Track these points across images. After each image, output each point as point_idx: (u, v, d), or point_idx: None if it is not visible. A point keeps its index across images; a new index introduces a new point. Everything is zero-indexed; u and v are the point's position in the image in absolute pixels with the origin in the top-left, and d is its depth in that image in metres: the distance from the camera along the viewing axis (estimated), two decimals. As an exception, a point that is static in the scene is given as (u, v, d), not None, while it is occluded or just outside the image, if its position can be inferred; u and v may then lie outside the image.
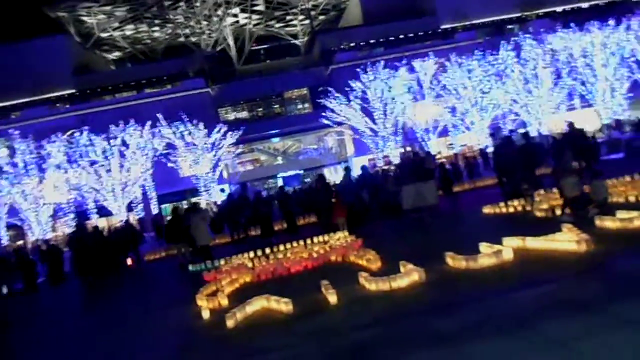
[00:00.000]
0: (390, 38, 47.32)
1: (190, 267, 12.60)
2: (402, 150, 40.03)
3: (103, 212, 34.60)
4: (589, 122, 30.89)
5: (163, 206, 44.05)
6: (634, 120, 30.60)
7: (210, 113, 45.05)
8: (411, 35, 47.27)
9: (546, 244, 7.03)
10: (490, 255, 6.90)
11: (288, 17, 62.77)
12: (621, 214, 7.70)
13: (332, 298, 6.55)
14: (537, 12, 47.17)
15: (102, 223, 31.93)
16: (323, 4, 59.32)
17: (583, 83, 34.87)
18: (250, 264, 10.98)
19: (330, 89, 39.98)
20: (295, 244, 12.21)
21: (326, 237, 12.54)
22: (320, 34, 54.50)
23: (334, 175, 43.86)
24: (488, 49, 38.13)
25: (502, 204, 11.86)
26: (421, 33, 47.54)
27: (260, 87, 48.89)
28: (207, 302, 7.81)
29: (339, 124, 40.31)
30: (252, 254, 12.18)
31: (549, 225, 8.07)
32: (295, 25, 64.24)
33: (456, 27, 47.49)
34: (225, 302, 7.75)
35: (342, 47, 47.63)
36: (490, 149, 37.85)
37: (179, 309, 8.33)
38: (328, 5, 60.32)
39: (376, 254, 8.41)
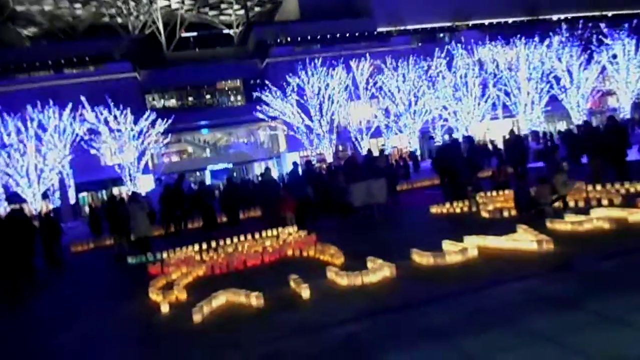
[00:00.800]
0: (327, 36, 47.61)
1: (130, 260, 11.85)
2: (338, 148, 40.88)
3: (15, 199, 31.93)
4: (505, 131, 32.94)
5: (81, 195, 41.50)
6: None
7: (137, 99, 43.03)
8: (347, 35, 47.86)
9: (507, 244, 7.27)
10: (457, 252, 7.03)
11: (223, 6, 61.40)
12: (570, 217, 8.16)
13: (305, 292, 6.37)
14: (466, 23, 49.44)
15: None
16: (260, -5, 58.66)
17: (507, 94, 36.99)
18: (198, 257, 10.53)
19: (266, 82, 39.56)
20: (243, 237, 11.88)
21: (275, 232, 12.32)
22: (255, 25, 53.76)
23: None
24: (422, 55, 39.51)
25: (447, 204, 12.20)
26: (357, 34, 48.27)
27: (192, 76, 47.42)
28: (163, 296, 7.35)
29: (273, 118, 40.00)
30: (197, 247, 11.72)
31: (501, 226, 8.43)
32: (229, 15, 62.92)
33: (391, 31, 48.68)
34: (183, 295, 7.32)
35: (278, 41, 47.23)
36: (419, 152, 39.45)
37: (129, 303, 7.77)
38: (265, -3, 59.73)
39: (338, 250, 8.31)
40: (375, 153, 14.89)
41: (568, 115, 38.61)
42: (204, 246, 11.74)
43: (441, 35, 50.43)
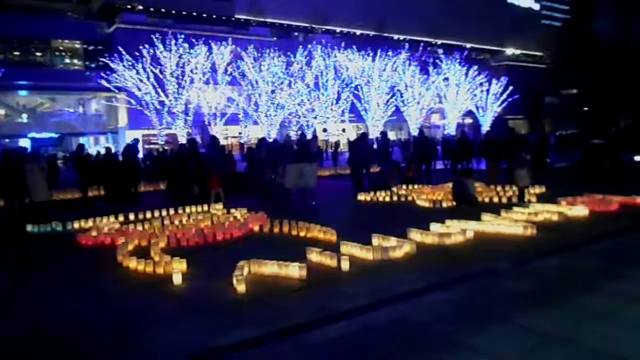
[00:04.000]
0: (183, 13, 45.21)
1: (31, 228, 9.87)
2: (190, 130, 38.96)
3: None
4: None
5: None
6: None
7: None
8: (205, 15, 46.10)
9: (493, 228, 8.05)
10: (459, 233, 7.56)
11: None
12: (520, 210, 9.38)
13: (345, 264, 6.24)
14: (322, 27, 51.66)
15: None
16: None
17: (359, 99, 39.71)
18: (140, 228, 9.31)
19: (119, 49, 35.86)
20: (173, 211, 10.93)
21: (204, 207, 11.56)
22: (102, -17, 48.35)
23: (93, 147, 39.26)
24: (281, 50, 40.03)
25: (372, 193, 12.81)
26: (215, 16, 46.81)
27: (20, 28, 40.48)
28: (143, 265, 6.55)
29: (119, 89, 36.54)
30: (121, 218, 10.42)
31: (440, 213, 9.39)
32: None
33: (250, 20, 48.32)
34: (183, 265, 6.48)
35: (129, 6, 43.24)
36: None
37: (102, 278, 6.62)
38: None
39: (330, 229, 8.16)
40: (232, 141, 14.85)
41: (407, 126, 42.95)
42: (131, 217, 10.51)
43: (296, 34, 51.77)
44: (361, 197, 12.77)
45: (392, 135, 42.74)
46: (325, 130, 38.24)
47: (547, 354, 3.78)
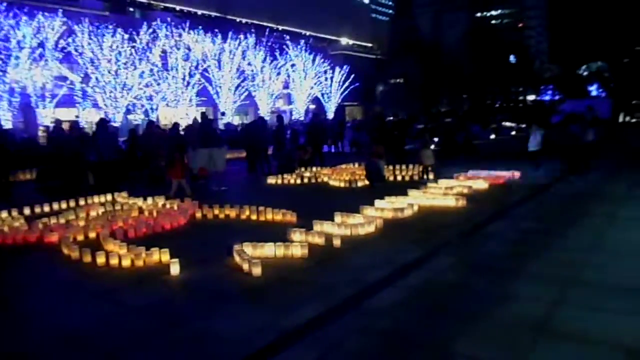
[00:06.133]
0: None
1: None
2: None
3: None
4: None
5: None
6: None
7: None
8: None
9: (430, 202, 9.00)
10: (409, 207, 8.34)
11: None
12: (435, 185, 10.57)
13: (337, 241, 6.52)
14: (161, 4, 48.71)
15: None
16: None
17: (210, 82, 38.66)
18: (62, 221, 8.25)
19: None
20: (84, 202, 9.88)
21: (107, 198, 10.59)
22: None
23: None
24: (119, 26, 36.84)
25: (279, 175, 13.07)
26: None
27: None
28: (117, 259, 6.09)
29: None
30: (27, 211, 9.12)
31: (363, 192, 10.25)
32: None
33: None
34: (166, 257, 6.08)
35: None
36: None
37: (82, 278, 5.92)
38: None
39: (289, 211, 8.26)
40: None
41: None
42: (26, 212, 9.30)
43: (132, 9, 48.14)
44: (271, 180, 12.91)
45: (236, 120, 42.48)
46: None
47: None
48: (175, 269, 5.72)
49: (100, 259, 6.17)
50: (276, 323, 4.24)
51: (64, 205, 10.05)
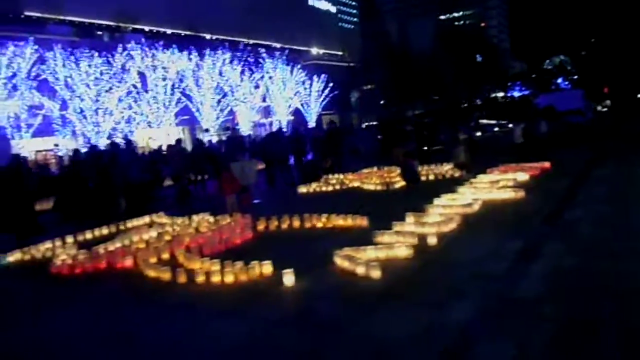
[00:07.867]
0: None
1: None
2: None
3: None
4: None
5: None
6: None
7: None
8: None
9: (488, 196, 9.03)
10: (474, 202, 8.37)
11: None
12: (481, 179, 10.66)
13: (431, 239, 6.48)
14: (130, 25, 47.91)
15: None
16: None
17: (190, 100, 38.16)
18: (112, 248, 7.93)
19: None
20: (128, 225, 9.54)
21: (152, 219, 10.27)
22: None
23: None
24: (90, 50, 36.08)
25: (308, 184, 12.97)
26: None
27: None
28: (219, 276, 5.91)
29: None
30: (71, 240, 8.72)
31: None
32: None
33: (46, 18, 42.29)
34: (269, 268, 5.92)
35: None
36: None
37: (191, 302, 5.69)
38: None
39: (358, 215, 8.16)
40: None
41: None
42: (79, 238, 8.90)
43: (99, 33, 47.23)
44: (302, 189, 12.79)
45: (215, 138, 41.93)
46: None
47: None
48: (289, 280, 5.55)
49: (200, 278, 5.95)
50: (446, 320, 4.15)
51: (105, 232, 9.70)
